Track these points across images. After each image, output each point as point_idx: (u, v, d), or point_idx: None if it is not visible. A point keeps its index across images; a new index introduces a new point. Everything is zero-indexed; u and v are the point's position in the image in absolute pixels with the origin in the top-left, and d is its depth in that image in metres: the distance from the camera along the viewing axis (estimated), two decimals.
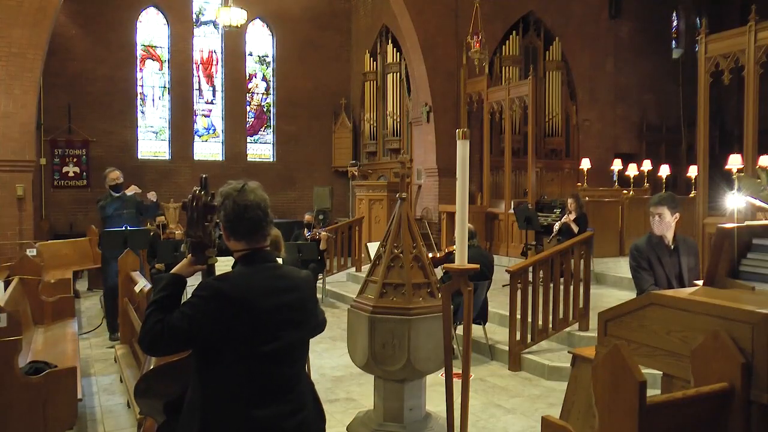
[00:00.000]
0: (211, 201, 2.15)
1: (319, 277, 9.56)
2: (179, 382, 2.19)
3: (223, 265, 2.17)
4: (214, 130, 15.75)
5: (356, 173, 13.96)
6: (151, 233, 7.88)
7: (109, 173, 7.48)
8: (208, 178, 2.23)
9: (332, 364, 6.19)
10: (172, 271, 2.21)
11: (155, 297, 2.11)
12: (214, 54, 15.68)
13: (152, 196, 7.56)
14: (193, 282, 2.12)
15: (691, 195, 9.68)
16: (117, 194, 7.36)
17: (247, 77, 16.02)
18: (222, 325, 2.02)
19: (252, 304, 2.06)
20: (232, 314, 2.02)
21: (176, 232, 8.32)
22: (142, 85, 14.89)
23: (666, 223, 4.04)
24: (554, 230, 8.75)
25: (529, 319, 6.09)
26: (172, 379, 2.24)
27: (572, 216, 8.57)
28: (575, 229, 8.43)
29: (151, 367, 2.37)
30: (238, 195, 2.16)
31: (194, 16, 15.42)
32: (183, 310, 2.04)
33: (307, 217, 10.05)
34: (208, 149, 15.64)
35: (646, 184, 12.50)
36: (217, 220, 2.18)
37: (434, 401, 4.61)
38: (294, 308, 2.17)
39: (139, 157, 14.70)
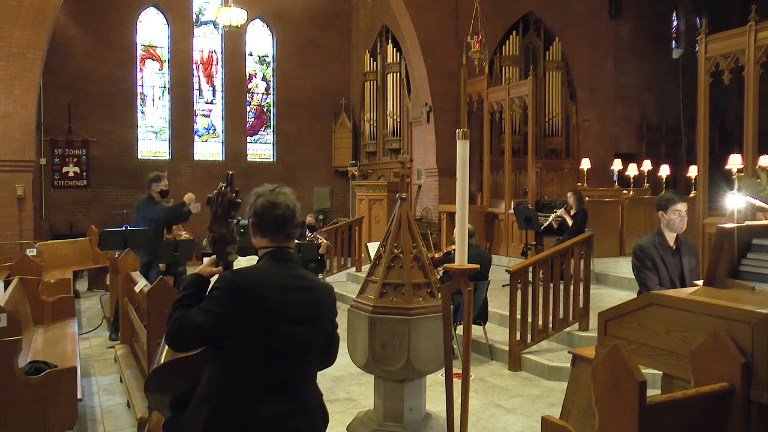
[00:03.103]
0: (236, 198, 2.18)
1: (319, 276, 9.57)
2: (188, 378, 2.21)
3: (243, 265, 2.19)
4: (214, 130, 15.74)
5: (356, 173, 13.96)
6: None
7: (162, 179, 7.32)
8: (234, 174, 2.26)
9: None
10: (195, 271, 2.29)
11: (178, 296, 2.20)
12: (214, 54, 15.67)
13: (195, 208, 7.32)
14: None
15: (691, 195, 9.67)
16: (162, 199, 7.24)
17: (247, 77, 16.00)
18: (234, 317, 2.07)
19: (263, 298, 2.10)
20: (244, 306, 2.08)
21: (182, 233, 8.26)
22: (142, 85, 14.88)
23: (686, 220, 4.06)
24: (549, 221, 8.80)
25: (529, 319, 6.09)
26: (181, 375, 2.26)
27: (572, 211, 8.60)
28: (569, 222, 8.48)
29: (161, 363, 2.38)
30: (270, 194, 2.26)
31: (194, 16, 15.40)
32: (201, 305, 2.12)
33: (309, 218, 10.06)
34: (208, 149, 15.62)
35: (646, 184, 12.50)
36: (239, 218, 2.22)
37: (434, 401, 4.62)
38: (307, 309, 2.20)
39: (139, 157, 14.68)
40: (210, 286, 2.17)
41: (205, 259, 2.29)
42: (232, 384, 2.09)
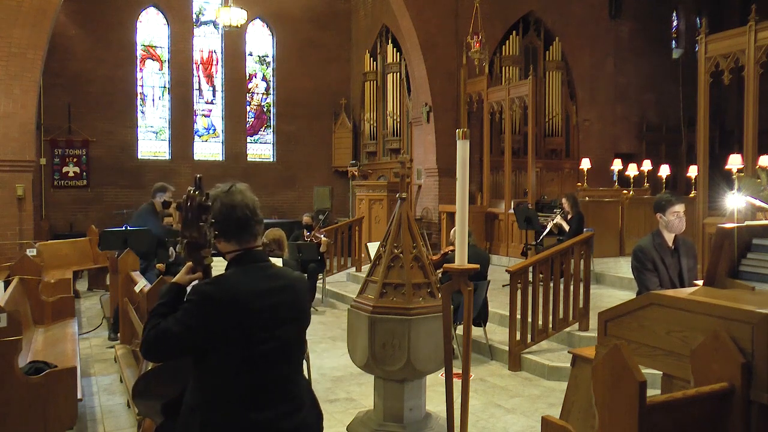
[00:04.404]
0: (206, 201, 2.16)
1: (319, 276, 9.56)
2: (177, 383, 2.19)
3: (220, 265, 2.17)
4: (214, 130, 15.75)
5: (356, 173, 13.96)
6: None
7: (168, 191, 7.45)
8: (202, 178, 2.23)
9: (332, 364, 6.18)
10: (173, 280, 2.23)
11: (154, 306, 2.15)
12: (214, 54, 15.68)
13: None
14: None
15: (691, 195, 9.67)
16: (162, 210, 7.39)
17: (247, 77, 16.01)
18: (214, 329, 2.03)
19: (244, 306, 2.06)
20: (223, 317, 2.03)
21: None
22: (142, 85, 14.88)
23: (685, 220, 4.06)
24: (547, 228, 8.83)
25: (529, 319, 6.09)
26: (170, 380, 2.24)
27: (569, 216, 8.65)
28: (566, 227, 8.54)
29: (150, 368, 2.36)
30: (225, 196, 2.19)
31: (194, 16, 15.40)
32: (176, 315, 2.06)
33: (306, 218, 10.04)
34: (208, 149, 15.63)
35: (646, 184, 12.51)
36: (212, 220, 2.18)
37: (434, 401, 4.62)
38: (289, 307, 2.18)
39: (139, 157, 14.69)
40: (186, 296, 2.11)
41: (184, 268, 2.23)
42: (222, 393, 2.05)
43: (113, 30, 14.25)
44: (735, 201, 5.13)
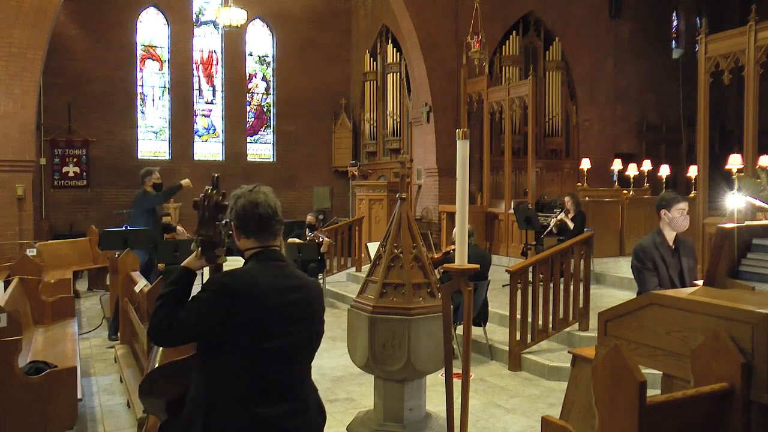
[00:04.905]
0: (222, 200, 2.17)
1: (319, 276, 9.56)
2: (183, 382, 2.20)
3: (232, 265, 2.18)
4: (214, 130, 15.74)
5: (356, 173, 13.95)
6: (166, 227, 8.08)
7: (154, 172, 7.72)
8: (219, 177, 2.25)
9: (332, 364, 6.19)
10: (182, 264, 2.24)
11: (165, 290, 2.15)
12: (214, 54, 15.67)
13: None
14: (198, 281, 2.13)
15: (691, 195, 9.67)
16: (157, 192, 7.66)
17: (247, 77, 16.01)
18: (228, 321, 2.04)
19: (259, 301, 2.08)
20: (239, 310, 2.05)
21: (180, 230, 8.41)
22: (142, 85, 14.88)
23: (689, 219, 4.06)
24: (550, 226, 8.84)
25: (529, 319, 6.09)
26: (176, 379, 2.25)
27: (570, 215, 8.66)
28: (570, 225, 8.55)
29: (156, 366, 2.37)
30: (249, 194, 2.22)
31: (194, 16, 15.40)
32: (191, 305, 2.08)
33: (309, 218, 10.06)
34: (208, 149, 15.63)
35: (646, 184, 12.51)
36: (227, 220, 2.20)
37: (434, 401, 4.62)
38: (301, 307, 2.19)
39: (139, 157, 14.68)
40: (202, 285, 2.13)
41: (192, 254, 2.24)
42: (228, 387, 2.06)
43: (113, 30, 14.25)
44: (735, 201, 5.13)
